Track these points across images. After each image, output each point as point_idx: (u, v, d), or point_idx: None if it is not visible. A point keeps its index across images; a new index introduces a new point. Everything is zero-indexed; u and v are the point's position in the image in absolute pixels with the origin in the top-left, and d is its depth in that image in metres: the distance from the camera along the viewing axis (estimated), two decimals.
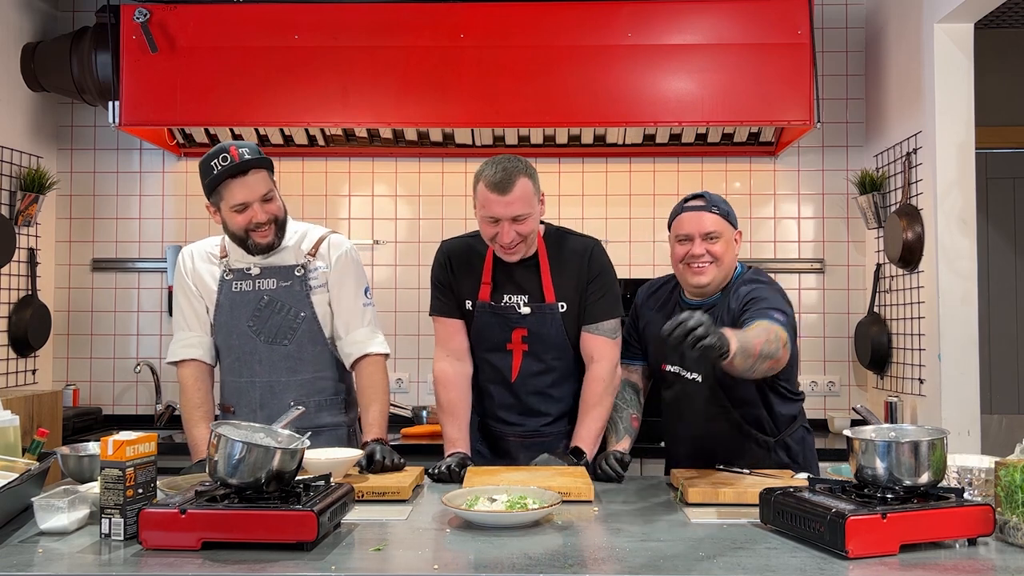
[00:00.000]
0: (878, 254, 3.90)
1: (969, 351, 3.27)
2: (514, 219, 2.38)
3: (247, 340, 2.52)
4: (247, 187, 2.39)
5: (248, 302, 2.52)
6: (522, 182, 2.37)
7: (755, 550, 1.67)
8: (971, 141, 3.31)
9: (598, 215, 4.12)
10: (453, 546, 1.72)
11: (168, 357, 2.59)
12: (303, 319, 2.52)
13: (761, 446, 2.47)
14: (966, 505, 1.71)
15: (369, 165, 4.18)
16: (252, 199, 2.40)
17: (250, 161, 2.39)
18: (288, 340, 2.51)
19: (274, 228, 2.47)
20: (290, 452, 1.79)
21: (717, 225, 2.38)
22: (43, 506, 1.78)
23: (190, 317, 2.58)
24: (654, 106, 3.62)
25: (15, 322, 3.86)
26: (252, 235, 2.45)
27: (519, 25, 3.63)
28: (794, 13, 3.59)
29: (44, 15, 4.13)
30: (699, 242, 2.37)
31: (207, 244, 2.63)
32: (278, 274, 2.52)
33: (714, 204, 2.42)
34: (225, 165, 2.37)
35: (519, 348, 2.54)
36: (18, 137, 3.93)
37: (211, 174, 2.39)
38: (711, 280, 2.40)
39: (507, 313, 2.53)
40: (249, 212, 2.41)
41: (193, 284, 2.57)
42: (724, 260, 2.38)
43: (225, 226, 2.48)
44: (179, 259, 2.61)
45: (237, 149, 2.38)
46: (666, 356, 2.49)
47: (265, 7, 3.67)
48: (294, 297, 2.52)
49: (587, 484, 2.14)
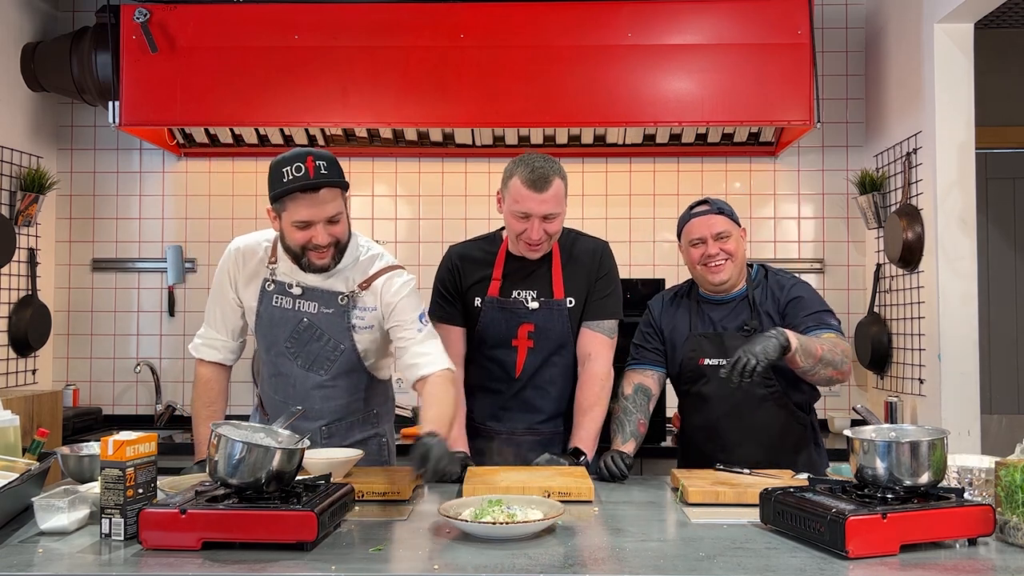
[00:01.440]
0: (878, 254, 3.90)
1: (969, 351, 3.28)
2: (544, 217, 2.44)
3: (284, 361, 2.40)
4: (315, 206, 2.18)
5: (287, 321, 2.36)
6: (557, 182, 2.44)
7: (755, 550, 1.67)
8: (971, 141, 3.31)
9: (598, 215, 4.13)
10: (453, 546, 1.72)
11: (190, 348, 2.52)
12: (343, 351, 2.37)
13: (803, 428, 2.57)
14: (966, 505, 1.71)
15: (369, 165, 4.18)
16: (318, 219, 2.19)
17: (325, 179, 2.17)
18: (325, 371, 2.38)
19: (333, 251, 2.26)
20: (290, 452, 1.79)
21: (726, 225, 2.54)
22: (43, 506, 1.77)
23: (219, 321, 2.47)
24: (654, 106, 3.62)
25: (15, 322, 3.87)
26: (309, 254, 2.25)
27: (519, 25, 3.63)
28: (794, 13, 3.59)
29: (44, 15, 4.13)
30: (712, 243, 2.52)
31: (260, 243, 2.41)
32: (321, 298, 2.34)
33: (719, 207, 2.56)
34: (297, 176, 2.15)
35: (524, 344, 2.56)
36: (18, 137, 3.93)
37: (280, 182, 2.17)
38: (729, 276, 2.54)
39: (515, 308, 2.56)
40: (311, 231, 2.21)
41: (235, 293, 2.42)
42: (737, 256, 2.54)
43: (282, 237, 2.28)
44: (228, 256, 2.42)
45: (315, 161, 2.16)
46: (705, 350, 2.55)
47: (265, 7, 3.67)
48: (335, 327, 2.35)
49: (587, 484, 2.14)
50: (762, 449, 2.48)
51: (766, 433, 2.51)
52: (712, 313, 2.59)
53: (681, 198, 4.13)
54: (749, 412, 2.50)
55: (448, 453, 1.98)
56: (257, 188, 4.15)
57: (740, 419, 2.51)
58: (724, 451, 2.49)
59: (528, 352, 2.57)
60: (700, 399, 2.58)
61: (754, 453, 2.45)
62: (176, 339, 4.17)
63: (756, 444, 2.49)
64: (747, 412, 2.51)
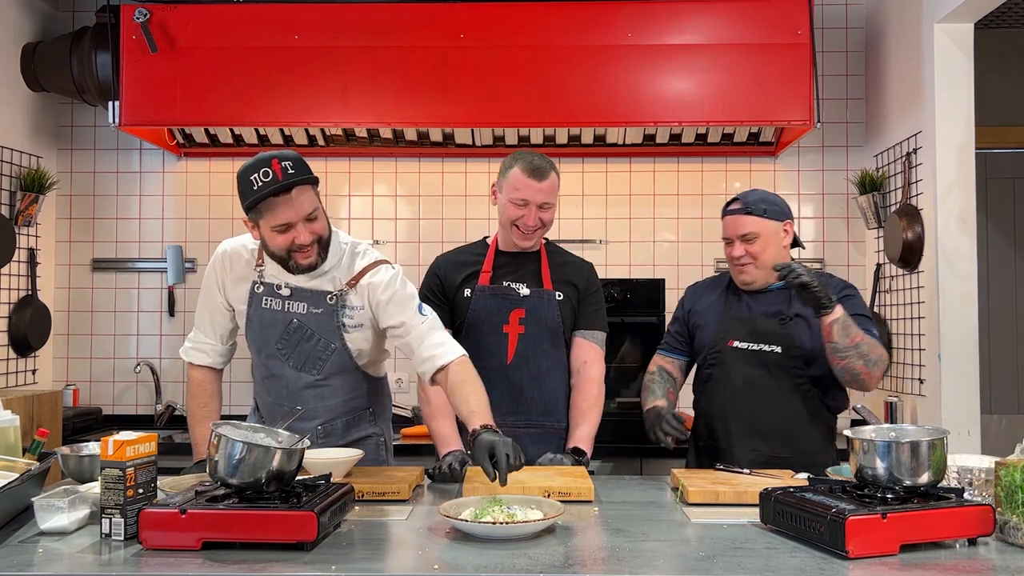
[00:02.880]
0: (878, 254, 3.90)
1: (969, 351, 3.27)
2: (540, 205, 2.59)
3: (275, 363, 2.39)
4: (291, 207, 2.17)
5: (277, 322, 2.36)
6: (553, 176, 2.61)
7: (755, 550, 1.67)
8: (971, 141, 3.31)
9: (598, 215, 4.13)
10: (453, 546, 1.72)
11: (181, 352, 2.53)
12: (334, 350, 2.36)
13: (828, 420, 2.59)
14: (966, 505, 1.71)
15: (369, 165, 4.18)
16: (296, 219, 2.18)
17: (294, 178, 2.15)
18: (317, 371, 2.38)
19: (317, 248, 2.26)
20: (290, 452, 1.79)
21: (755, 226, 2.55)
22: (43, 506, 1.77)
23: (207, 325, 2.48)
24: (654, 106, 3.62)
25: (15, 322, 3.87)
26: (295, 256, 2.24)
27: (519, 25, 3.63)
28: (794, 13, 3.59)
29: (44, 15, 4.13)
30: (738, 244, 2.57)
31: (246, 246, 2.40)
32: (309, 299, 2.34)
33: (750, 205, 2.58)
34: (266, 181, 2.13)
35: (516, 331, 2.62)
36: (18, 137, 3.93)
37: (250, 190, 2.15)
38: (753, 278, 2.59)
39: (506, 294, 2.64)
40: (292, 233, 2.20)
41: (223, 297, 2.42)
42: (762, 258, 2.55)
43: (264, 245, 2.27)
44: (215, 260, 2.42)
45: (280, 162, 2.14)
46: (735, 333, 2.58)
47: (265, 7, 3.67)
48: (324, 327, 2.35)
49: (587, 484, 2.14)
50: (779, 442, 2.49)
51: (785, 425, 2.51)
52: (750, 300, 2.63)
53: (681, 198, 4.14)
54: (772, 400, 2.50)
55: (512, 445, 1.96)
56: None
57: (762, 405, 2.52)
58: (740, 438, 2.52)
59: (520, 338, 2.62)
60: (722, 381, 2.59)
61: (770, 445, 2.48)
62: (176, 339, 4.17)
63: (774, 436, 2.49)
64: (769, 400, 2.51)
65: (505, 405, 2.59)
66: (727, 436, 2.57)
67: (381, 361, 2.58)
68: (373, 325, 2.39)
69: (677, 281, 4.07)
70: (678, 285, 4.07)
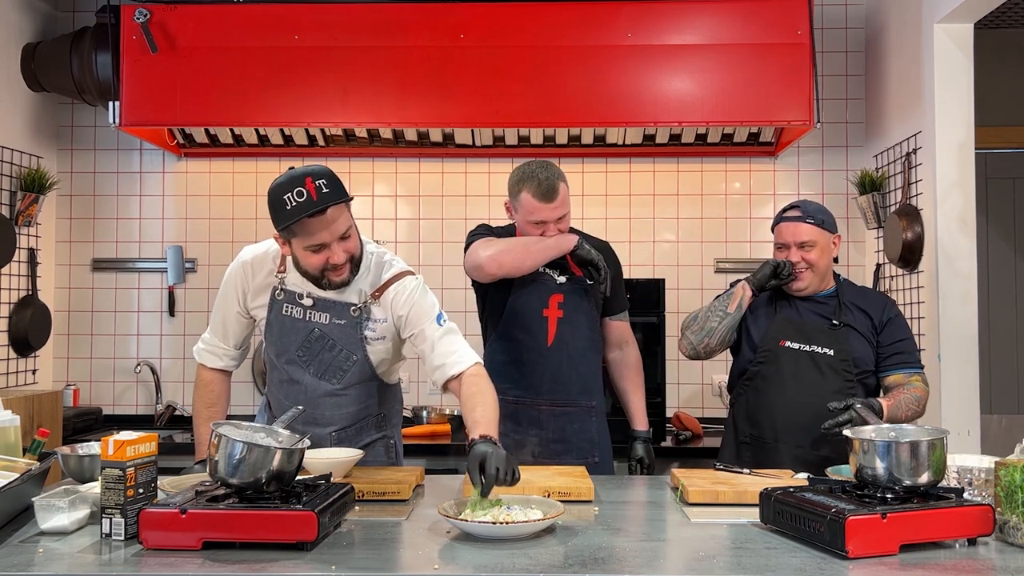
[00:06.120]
0: (878, 254, 3.90)
1: (969, 351, 3.27)
2: (557, 220, 2.68)
3: (295, 369, 2.38)
4: (325, 227, 2.14)
5: (298, 330, 2.34)
6: (563, 188, 2.65)
7: (755, 550, 1.68)
8: (971, 141, 3.31)
9: (598, 215, 4.13)
10: (453, 546, 1.72)
11: (193, 351, 2.51)
12: (355, 362, 2.35)
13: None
14: (966, 505, 1.71)
15: (369, 165, 4.19)
16: (330, 240, 2.16)
17: (329, 198, 2.11)
18: (337, 380, 2.36)
19: (350, 266, 2.24)
20: (290, 452, 1.79)
21: (812, 234, 2.63)
22: (43, 506, 1.78)
23: (221, 329, 2.46)
24: (654, 106, 3.62)
25: (15, 322, 3.87)
26: (328, 275, 2.22)
27: (519, 25, 3.63)
28: (794, 13, 3.59)
29: (44, 15, 4.13)
30: (795, 251, 2.64)
31: (268, 253, 2.38)
32: (332, 309, 2.32)
33: (809, 215, 2.66)
34: (300, 202, 2.09)
35: (555, 315, 2.71)
36: (18, 137, 3.94)
37: (284, 210, 2.11)
38: (808, 284, 2.66)
39: (545, 280, 2.73)
40: (326, 252, 2.18)
41: (242, 306, 2.40)
42: (819, 266, 2.64)
43: (296, 262, 2.25)
44: (235, 269, 2.39)
45: (314, 181, 2.10)
46: (788, 334, 2.65)
47: (265, 7, 3.67)
48: (347, 338, 2.33)
49: (587, 484, 2.14)
50: (825, 441, 2.50)
51: None
52: (800, 304, 2.69)
53: (681, 198, 4.14)
54: (821, 400, 2.50)
55: (505, 459, 1.89)
56: (257, 188, 4.15)
57: (812, 404, 2.54)
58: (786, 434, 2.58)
59: (558, 322, 2.70)
60: (773, 379, 2.64)
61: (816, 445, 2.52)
62: (176, 339, 4.18)
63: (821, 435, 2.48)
64: (819, 400, 2.51)
65: (545, 385, 2.70)
66: (773, 432, 2.62)
67: (397, 368, 2.58)
68: (394, 337, 2.39)
69: (677, 281, 4.07)
70: (678, 285, 4.08)
